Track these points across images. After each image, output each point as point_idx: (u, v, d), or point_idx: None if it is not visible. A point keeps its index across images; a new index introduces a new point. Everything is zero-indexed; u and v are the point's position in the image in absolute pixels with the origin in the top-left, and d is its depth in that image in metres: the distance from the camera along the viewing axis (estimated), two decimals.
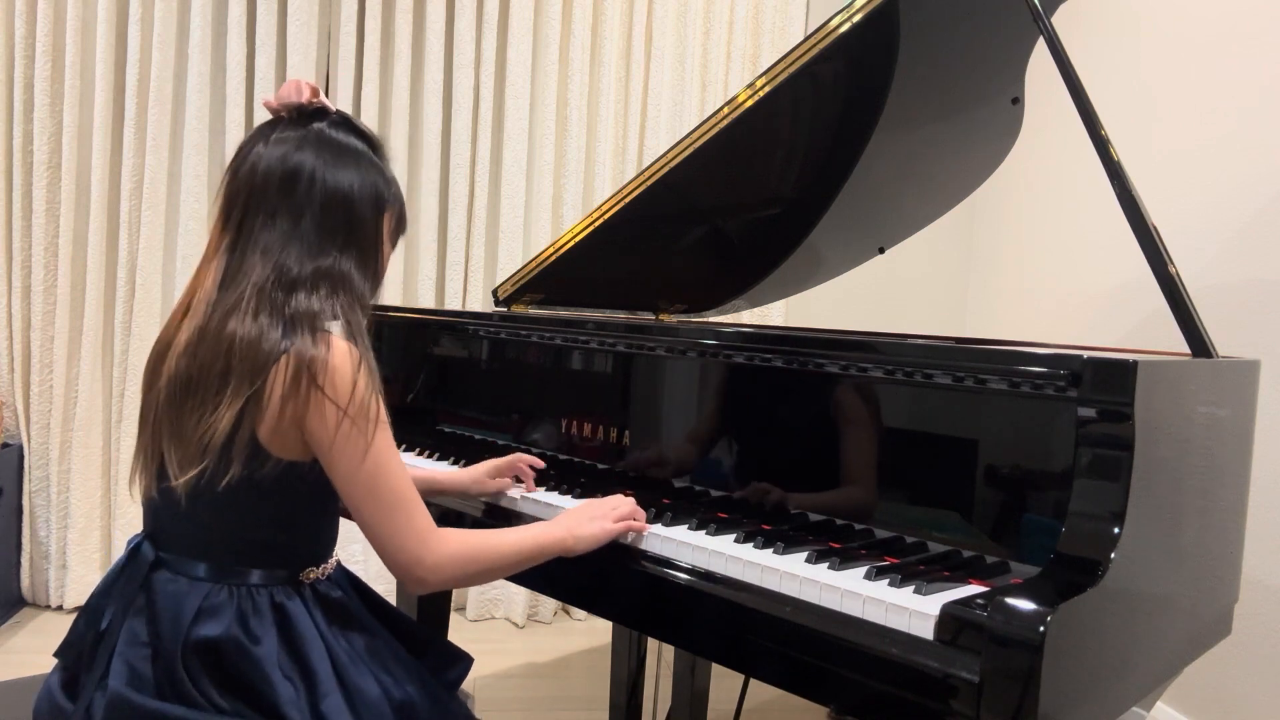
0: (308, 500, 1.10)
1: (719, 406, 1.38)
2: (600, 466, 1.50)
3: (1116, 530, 0.96)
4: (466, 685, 1.28)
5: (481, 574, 1.15)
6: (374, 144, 1.18)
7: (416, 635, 1.22)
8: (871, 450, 1.20)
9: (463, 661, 1.24)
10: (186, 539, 1.07)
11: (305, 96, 1.12)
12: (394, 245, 1.23)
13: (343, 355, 1.05)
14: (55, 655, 1.11)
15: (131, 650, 1.03)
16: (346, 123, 1.16)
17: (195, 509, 1.05)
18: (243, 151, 1.12)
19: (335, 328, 1.08)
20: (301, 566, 1.11)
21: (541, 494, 1.43)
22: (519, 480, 1.48)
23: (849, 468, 1.22)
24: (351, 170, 1.12)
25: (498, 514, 1.45)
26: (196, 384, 1.04)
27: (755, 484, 1.30)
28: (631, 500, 1.27)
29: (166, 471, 1.05)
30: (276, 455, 1.04)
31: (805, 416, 1.28)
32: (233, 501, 1.04)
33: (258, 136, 1.12)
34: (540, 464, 1.49)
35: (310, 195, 1.09)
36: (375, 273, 1.17)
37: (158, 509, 1.10)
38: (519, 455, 1.49)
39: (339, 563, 1.19)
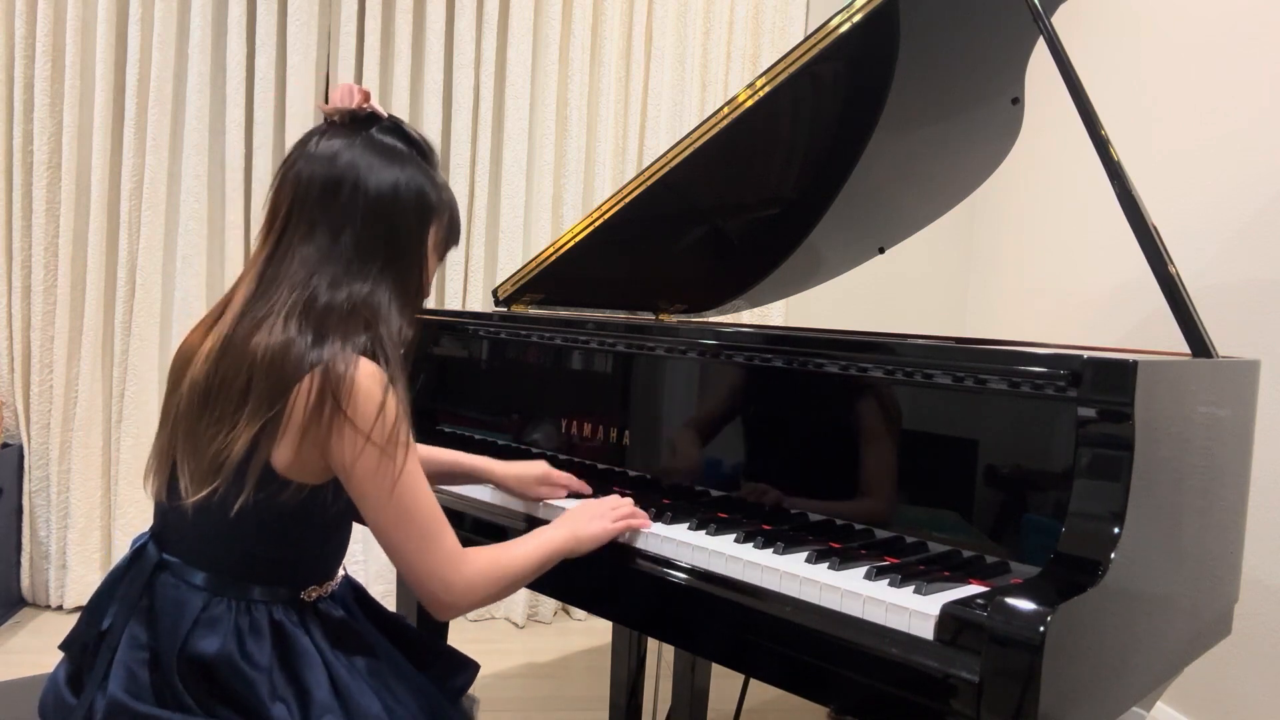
0: (318, 523, 1.08)
1: (719, 406, 1.38)
2: (600, 466, 1.50)
3: (1116, 530, 0.96)
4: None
5: (505, 589, 1.13)
6: (423, 149, 1.14)
7: (421, 645, 1.21)
8: (871, 450, 1.20)
9: (468, 669, 1.23)
10: (191, 547, 1.06)
11: (356, 101, 1.10)
12: (441, 258, 1.19)
13: (369, 376, 1.01)
14: (60, 648, 1.12)
15: (131, 654, 1.02)
16: (397, 128, 1.13)
17: (201, 522, 1.04)
18: (290, 158, 1.09)
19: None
20: (304, 585, 1.09)
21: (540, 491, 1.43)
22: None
23: (849, 467, 1.22)
24: (396, 174, 1.08)
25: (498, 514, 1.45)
26: (216, 396, 1.02)
27: (755, 484, 1.30)
28: (629, 500, 1.27)
29: (177, 479, 1.04)
30: (295, 480, 1.02)
31: (805, 416, 1.28)
32: (241, 519, 1.02)
33: (306, 140, 1.10)
34: (588, 489, 1.43)
35: (353, 202, 1.06)
36: (418, 289, 1.13)
37: (166, 513, 1.09)
38: (569, 476, 1.43)
39: (345, 576, 1.18)
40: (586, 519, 1.23)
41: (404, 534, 1.04)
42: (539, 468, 1.42)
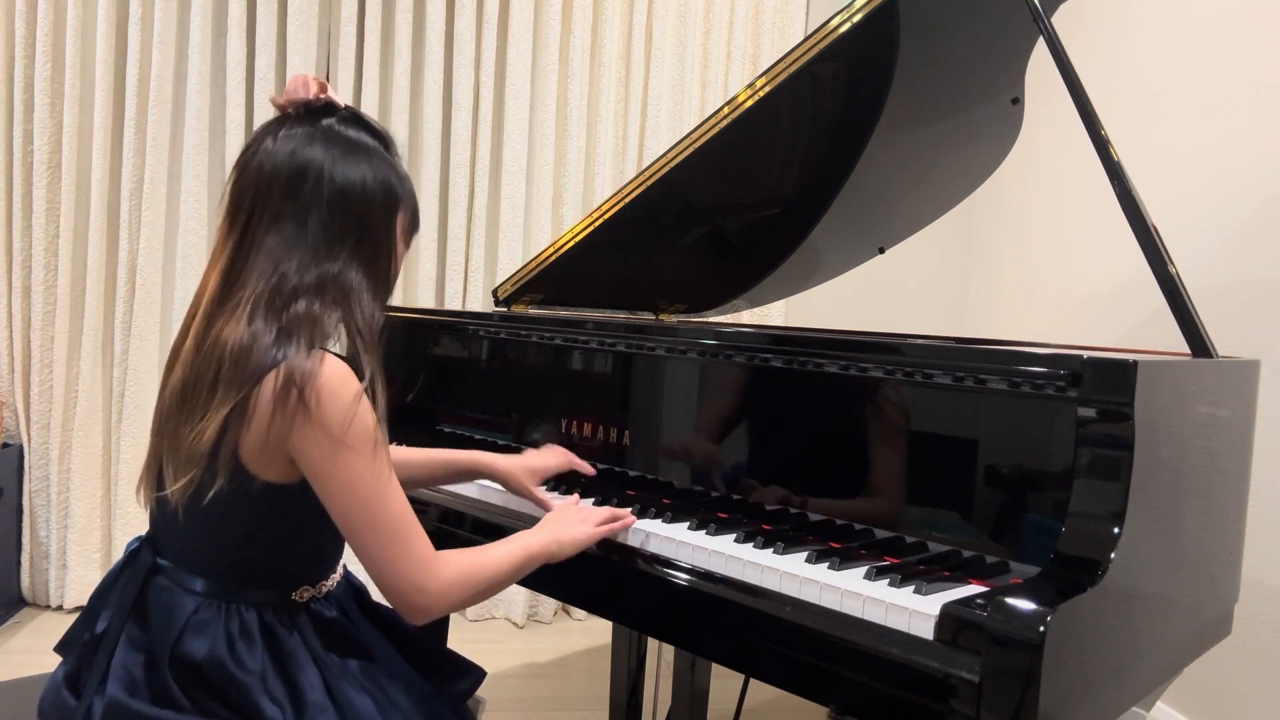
0: (300, 522, 1.07)
1: (718, 406, 1.38)
2: (600, 466, 1.50)
3: (1116, 530, 0.96)
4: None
5: (481, 594, 1.11)
6: (385, 140, 1.13)
7: (423, 649, 1.20)
8: (871, 450, 1.20)
9: (472, 674, 1.23)
10: (182, 550, 1.06)
11: (313, 92, 1.08)
12: (408, 245, 1.18)
13: (335, 376, 0.99)
14: (55, 650, 1.11)
15: (129, 655, 1.02)
16: (356, 119, 1.11)
17: (190, 522, 1.03)
18: (249, 149, 1.07)
19: (339, 341, 1.05)
20: (295, 586, 1.08)
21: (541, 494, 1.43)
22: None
23: (849, 467, 1.22)
24: (363, 167, 1.07)
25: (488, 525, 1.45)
26: (191, 393, 1.01)
27: (755, 484, 1.30)
28: (612, 511, 1.27)
29: (164, 480, 1.04)
30: (260, 477, 1.01)
31: (805, 416, 1.28)
32: (222, 518, 1.02)
33: (264, 133, 1.08)
34: (591, 471, 1.44)
35: (318, 193, 1.04)
36: (387, 276, 1.12)
37: (158, 518, 1.09)
38: (570, 460, 1.43)
39: (344, 577, 1.17)
40: (569, 523, 1.22)
41: (374, 537, 1.02)
42: (538, 460, 1.40)
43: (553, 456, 1.43)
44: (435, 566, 1.05)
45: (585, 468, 1.44)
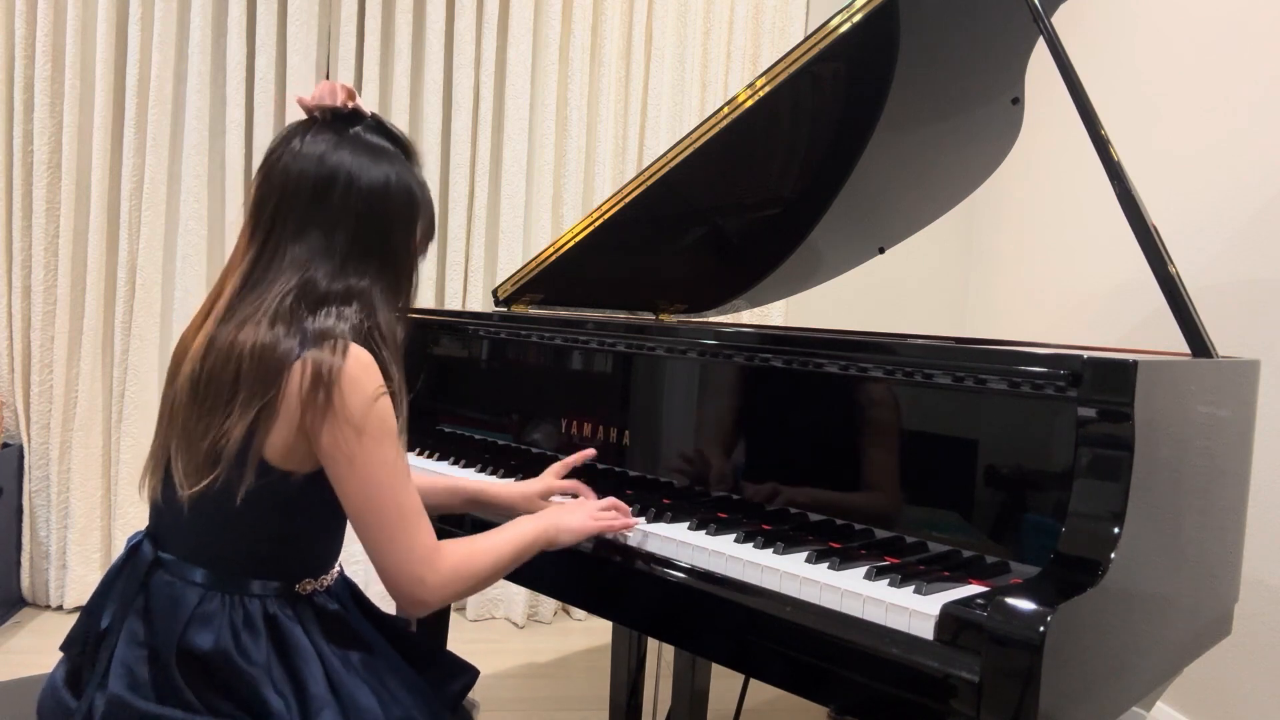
0: (311, 515, 1.08)
1: (718, 406, 1.38)
2: (600, 466, 1.50)
3: (1116, 530, 0.96)
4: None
5: (479, 584, 1.12)
6: (407, 148, 1.15)
7: (419, 647, 1.21)
8: (871, 450, 1.20)
9: (467, 673, 1.23)
10: (186, 544, 1.07)
11: (340, 99, 1.09)
12: (424, 253, 1.19)
13: (359, 365, 1.01)
14: (61, 649, 1.12)
15: (131, 652, 1.02)
16: (381, 127, 1.13)
17: (198, 517, 1.04)
18: (274, 153, 1.08)
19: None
20: (299, 579, 1.09)
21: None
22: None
23: (849, 467, 1.22)
24: (386, 173, 1.09)
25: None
26: (206, 392, 1.02)
27: (755, 484, 1.30)
28: (613, 500, 1.27)
29: (172, 476, 1.05)
30: (288, 469, 1.02)
31: (805, 416, 1.28)
32: (236, 513, 1.02)
33: (290, 137, 1.09)
34: (590, 453, 1.43)
35: (345, 202, 1.06)
36: (407, 285, 1.14)
37: (161, 511, 1.09)
38: (574, 483, 1.40)
39: (341, 574, 1.18)
40: (568, 512, 1.23)
41: (380, 526, 1.03)
42: (540, 483, 1.39)
43: (550, 477, 1.40)
44: (436, 559, 1.06)
45: (579, 458, 1.42)
